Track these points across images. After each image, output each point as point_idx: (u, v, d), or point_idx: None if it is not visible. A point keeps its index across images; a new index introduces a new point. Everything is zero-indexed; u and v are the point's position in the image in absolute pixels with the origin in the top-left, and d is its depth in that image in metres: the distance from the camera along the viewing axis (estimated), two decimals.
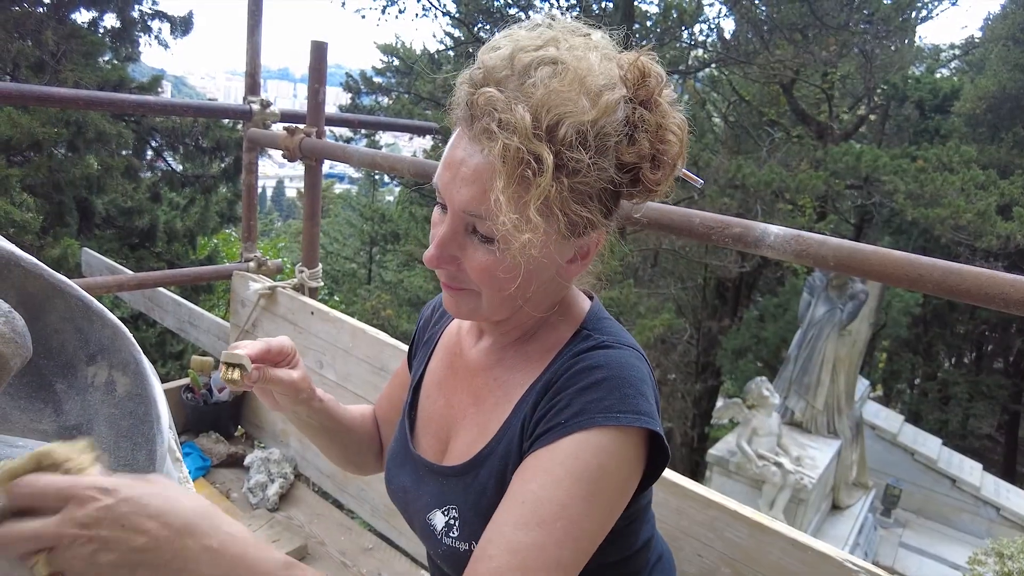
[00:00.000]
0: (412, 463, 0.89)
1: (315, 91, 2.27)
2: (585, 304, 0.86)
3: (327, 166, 2.43)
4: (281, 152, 2.28)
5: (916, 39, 13.58)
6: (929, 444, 9.06)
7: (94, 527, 0.48)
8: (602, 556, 0.73)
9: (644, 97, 0.70)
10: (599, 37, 0.72)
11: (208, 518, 0.54)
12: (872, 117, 13.80)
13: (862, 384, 8.11)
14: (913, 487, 8.39)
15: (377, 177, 19.06)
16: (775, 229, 1.32)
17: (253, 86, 2.55)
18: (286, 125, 2.28)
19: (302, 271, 2.42)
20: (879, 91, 12.78)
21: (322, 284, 2.47)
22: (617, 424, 0.68)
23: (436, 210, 0.75)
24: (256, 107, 2.50)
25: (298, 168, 2.38)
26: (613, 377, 0.71)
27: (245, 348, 0.86)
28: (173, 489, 0.54)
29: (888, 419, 9.16)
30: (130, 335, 0.94)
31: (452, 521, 0.79)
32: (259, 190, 2.75)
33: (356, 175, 20.60)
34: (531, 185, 0.65)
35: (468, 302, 0.77)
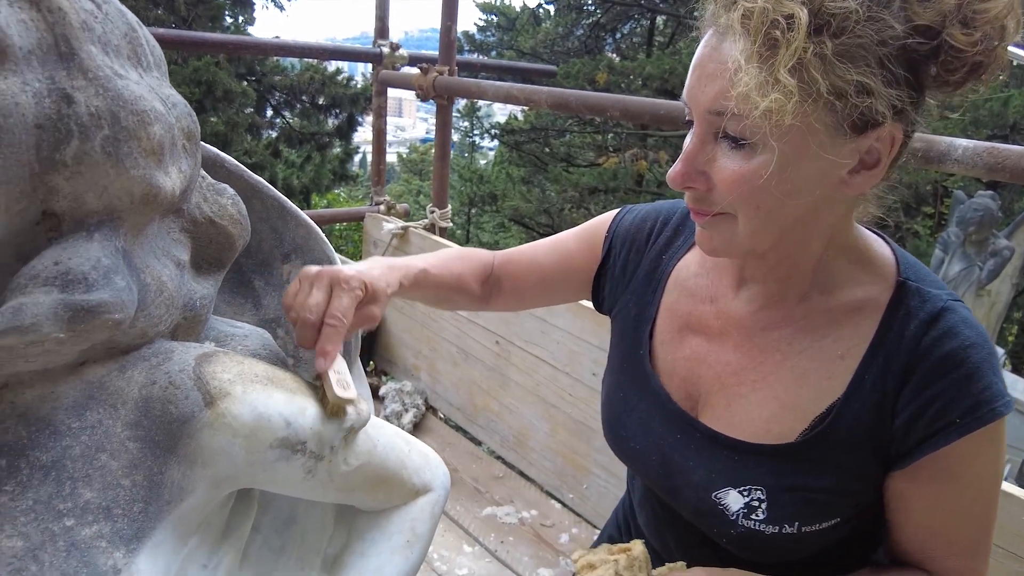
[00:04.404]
0: (677, 426, 0.79)
1: (447, 28, 2.29)
2: (882, 246, 0.72)
3: (422, 130, 2.45)
4: (415, 92, 2.32)
5: None
6: None
7: None
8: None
9: None
10: None
11: None
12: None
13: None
14: None
15: (475, 139, 19.13)
16: (962, 142, 1.21)
17: (383, 30, 2.60)
18: (420, 64, 2.31)
19: (433, 211, 2.47)
20: None
21: (451, 225, 2.52)
22: (1007, 411, 0.64)
23: (688, 135, 0.67)
24: (386, 50, 2.55)
25: (397, 134, 2.42)
26: (987, 357, 0.64)
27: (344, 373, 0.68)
28: None
29: None
30: (323, 235, 0.99)
31: (756, 503, 0.71)
32: (359, 154, 2.79)
33: (454, 138, 20.76)
34: (779, 45, 0.54)
35: (723, 231, 0.67)
